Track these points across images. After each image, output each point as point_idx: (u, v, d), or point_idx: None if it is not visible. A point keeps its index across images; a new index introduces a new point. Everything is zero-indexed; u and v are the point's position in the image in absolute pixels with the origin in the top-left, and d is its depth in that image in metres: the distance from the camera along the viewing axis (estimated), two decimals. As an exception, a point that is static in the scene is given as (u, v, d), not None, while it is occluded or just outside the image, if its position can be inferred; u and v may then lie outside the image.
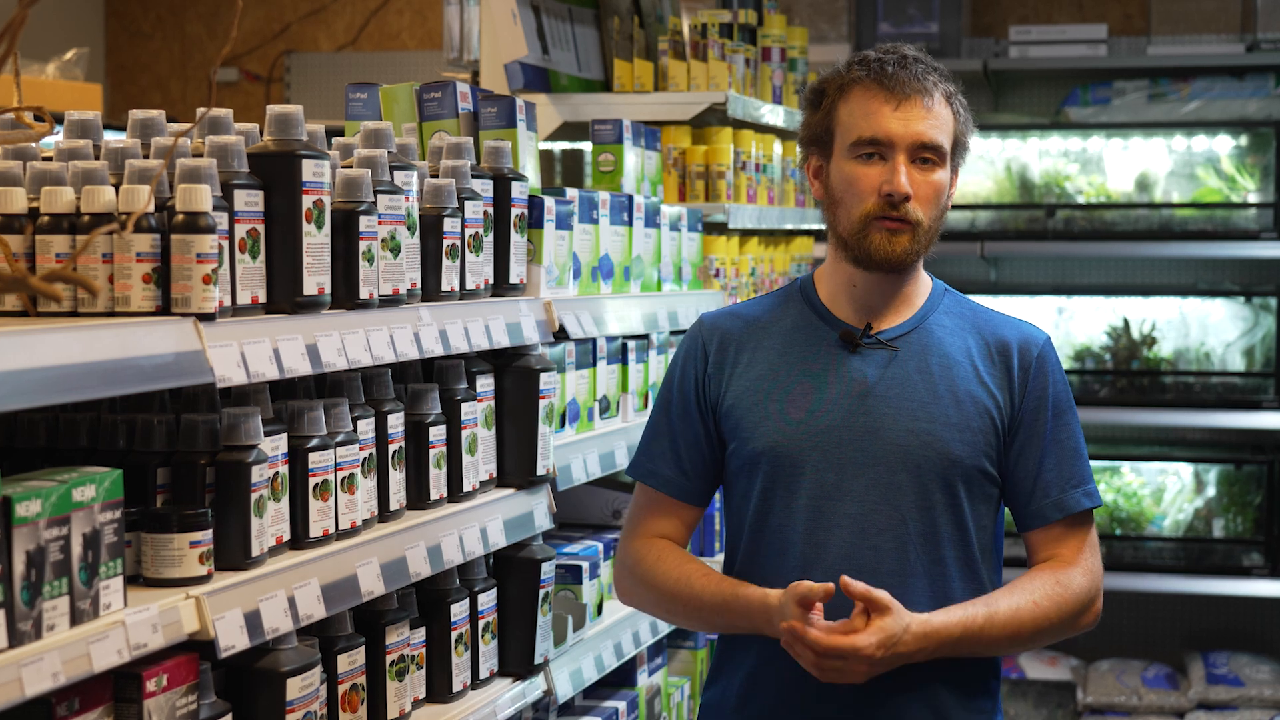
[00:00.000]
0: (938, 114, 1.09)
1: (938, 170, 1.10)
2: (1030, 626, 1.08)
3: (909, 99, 1.08)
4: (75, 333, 0.87)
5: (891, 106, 1.09)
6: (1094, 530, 1.13)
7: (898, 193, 1.08)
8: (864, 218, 1.10)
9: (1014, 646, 1.10)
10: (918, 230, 1.10)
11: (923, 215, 1.10)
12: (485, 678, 1.30)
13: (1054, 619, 1.09)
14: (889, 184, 1.08)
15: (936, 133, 1.09)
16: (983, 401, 1.11)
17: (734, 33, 2.06)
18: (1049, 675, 2.71)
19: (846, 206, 1.11)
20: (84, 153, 1.08)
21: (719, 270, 1.92)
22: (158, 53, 3.43)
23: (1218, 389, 2.71)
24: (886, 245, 1.09)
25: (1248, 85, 2.77)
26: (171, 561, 0.97)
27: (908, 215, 1.09)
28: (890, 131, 1.09)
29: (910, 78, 1.09)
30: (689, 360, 1.17)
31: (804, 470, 1.10)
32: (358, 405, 1.16)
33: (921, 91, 1.09)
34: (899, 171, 1.08)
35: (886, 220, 1.09)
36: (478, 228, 1.28)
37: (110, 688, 0.91)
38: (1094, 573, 1.12)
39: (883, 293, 1.13)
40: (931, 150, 1.09)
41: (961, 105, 1.12)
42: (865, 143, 1.09)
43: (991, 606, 1.08)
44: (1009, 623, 1.07)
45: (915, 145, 1.09)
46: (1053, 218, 2.75)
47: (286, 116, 1.06)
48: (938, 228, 1.12)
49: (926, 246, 1.11)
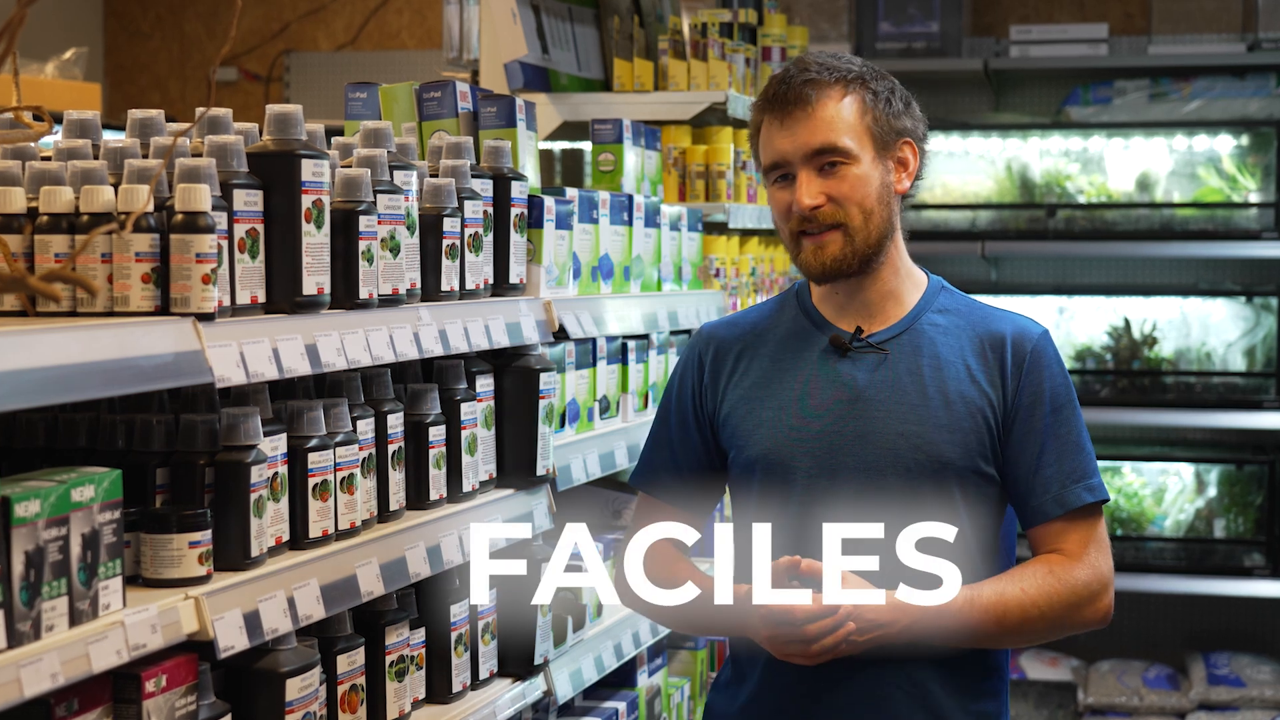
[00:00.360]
0: (823, 116, 1.08)
1: (851, 166, 1.09)
2: (1016, 613, 1.06)
3: (790, 114, 1.09)
4: (74, 333, 0.87)
5: (779, 125, 1.09)
6: (1101, 526, 1.11)
7: (798, 207, 1.09)
8: (791, 237, 1.11)
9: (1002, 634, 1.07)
10: (848, 230, 1.09)
11: (846, 215, 1.09)
12: (485, 678, 1.30)
13: (1043, 608, 1.06)
14: (792, 202, 1.09)
15: (826, 134, 1.08)
16: (974, 401, 1.10)
17: (734, 32, 2.06)
18: (1050, 676, 2.71)
19: (779, 229, 1.13)
20: (83, 152, 1.08)
21: (719, 270, 1.92)
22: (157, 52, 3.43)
23: (1219, 389, 2.71)
24: (814, 258, 1.09)
25: (1249, 85, 2.77)
26: (170, 562, 0.97)
27: (824, 219, 1.08)
28: (781, 151, 1.09)
29: (788, 91, 1.09)
30: (687, 371, 1.17)
31: (795, 476, 1.10)
32: (357, 405, 1.16)
33: (799, 101, 1.09)
34: (800, 186, 1.08)
35: (807, 235, 1.09)
36: (477, 227, 1.28)
37: (109, 688, 0.91)
38: (1097, 567, 1.09)
39: (866, 297, 1.13)
40: (828, 152, 1.08)
41: (873, 91, 1.10)
42: (770, 168, 1.11)
43: (974, 590, 1.06)
44: (992, 607, 1.05)
45: (808, 155, 1.09)
46: (1053, 217, 2.75)
47: (286, 116, 1.06)
48: (880, 220, 1.10)
49: (870, 244, 1.10)
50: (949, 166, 2.82)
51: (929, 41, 2.79)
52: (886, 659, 1.08)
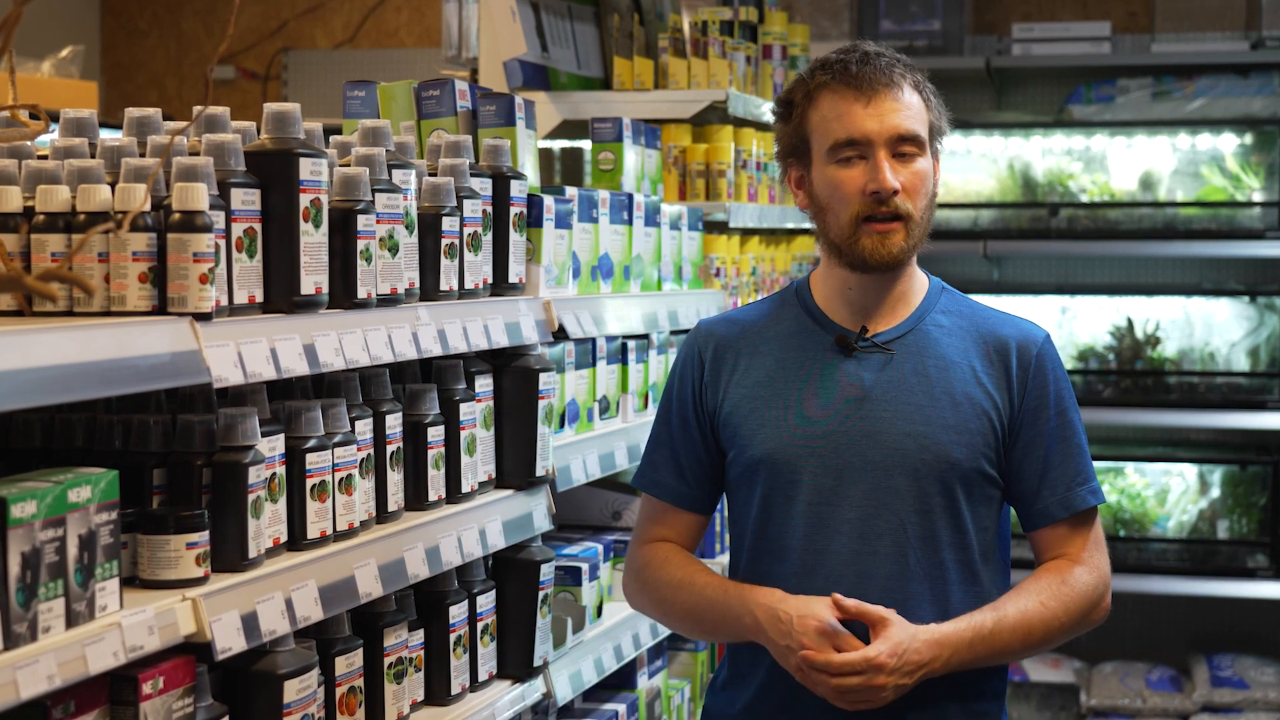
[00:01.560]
0: (909, 104, 1.08)
1: (919, 160, 1.09)
2: (1040, 628, 1.07)
3: (878, 94, 1.07)
4: (71, 332, 0.86)
5: (862, 104, 1.07)
6: (1099, 526, 1.13)
7: (885, 189, 1.07)
8: (853, 221, 1.09)
9: (1026, 649, 1.09)
10: (909, 224, 1.09)
11: (912, 207, 1.09)
12: (484, 680, 1.30)
13: (1062, 619, 1.08)
14: (874, 181, 1.07)
15: (912, 122, 1.08)
16: (980, 403, 1.10)
17: (735, 30, 2.05)
18: (1052, 677, 2.70)
19: (835, 212, 1.09)
20: (80, 151, 1.08)
21: (719, 269, 1.91)
22: (154, 50, 3.42)
23: (1222, 389, 2.70)
24: (880, 248, 1.08)
25: (1252, 83, 2.76)
26: (168, 563, 0.97)
27: (898, 209, 1.08)
28: (866, 129, 1.08)
29: (875, 72, 1.08)
30: (686, 368, 1.16)
31: (801, 476, 1.09)
32: (355, 406, 1.15)
33: (890, 84, 1.08)
34: (882, 168, 1.07)
35: (875, 222, 1.08)
36: (476, 227, 1.27)
37: (106, 690, 0.90)
38: (1100, 569, 1.11)
39: (878, 294, 1.12)
40: (910, 141, 1.08)
41: (931, 92, 1.11)
42: (843, 145, 1.08)
43: (999, 611, 1.07)
44: (1018, 626, 1.07)
45: (893, 138, 1.08)
46: (1056, 217, 2.74)
47: (284, 114, 1.06)
48: (929, 219, 1.11)
49: (920, 240, 1.10)
50: (950, 165, 2.81)
51: (930, 39, 2.79)
52: None
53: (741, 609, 1.08)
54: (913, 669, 1.04)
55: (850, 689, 1.03)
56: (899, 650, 1.03)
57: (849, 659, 1.03)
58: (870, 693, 1.03)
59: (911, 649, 1.04)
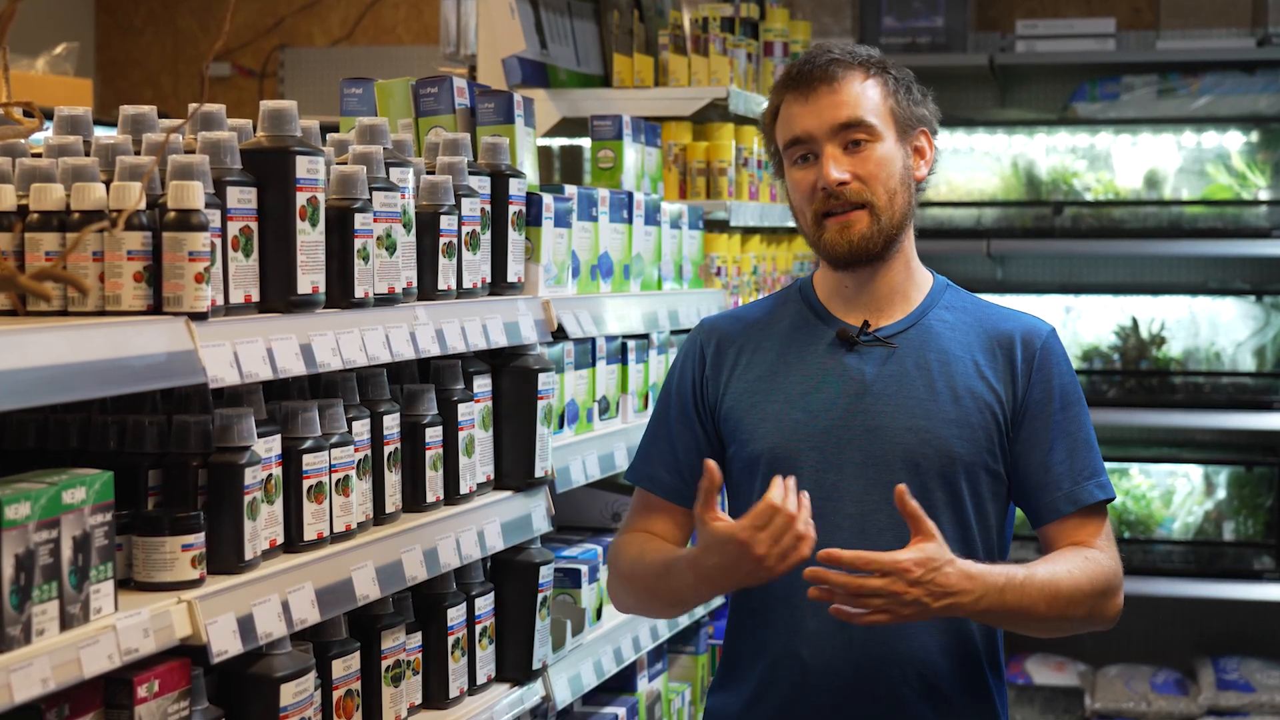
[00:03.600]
0: (849, 93, 1.08)
1: (876, 145, 1.08)
2: (1066, 594, 1.04)
3: (814, 90, 1.08)
4: (65, 332, 0.86)
5: (802, 102, 1.08)
6: (1109, 523, 1.11)
7: (826, 181, 1.06)
8: (815, 218, 1.09)
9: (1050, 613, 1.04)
10: (874, 210, 1.08)
11: (872, 194, 1.07)
12: (482, 683, 1.29)
13: (1086, 589, 1.05)
14: (819, 177, 1.07)
15: (853, 109, 1.07)
16: (983, 397, 1.09)
17: (736, 27, 2.04)
18: (1056, 680, 2.68)
19: (801, 212, 1.10)
20: (74, 149, 1.07)
21: (720, 269, 1.90)
22: (149, 47, 3.40)
23: (1228, 389, 2.68)
24: (840, 237, 1.07)
25: (1258, 80, 2.74)
26: (163, 565, 0.96)
27: (851, 198, 1.07)
28: (806, 126, 1.08)
29: (813, 69, 1.08)
30: (687, 363, 1.15)
31: (803, 471, 1.08)
32: (353, 406, 1.15)
33: (825, 79, 1.08)
34: (825, 162, 1.07)
35: (831, 215, 1.07)
36: (475, 225, 1.27)
37: (101, 693, 0.90)
38: (1116, 559, 1.09)
39: (873, 289, 1.11)
40: (855, 127, 1.07)
41: (898, 80, 1.10)
42: (791, 145, 1.09)
43: (1029, 568, 1.04)
44: (1046, 585, 1.03)
45: (834, 129, 1.07)
46: (1060, 215, 2.72)
47: (280, 112, 1.05)
48: (902, 204, 1.09)
49: (894, 226, 1.08)
50: (954, 163, 2.80)
51: (933, 36, 2.77)
52: (895, 656, 1.07)
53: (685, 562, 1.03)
54: (940, 592, 0.98)
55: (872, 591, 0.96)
56: (930, 564, 0.96)
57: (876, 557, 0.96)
58: (891, 600, 0.96)
59: (944, 569, 0.97)
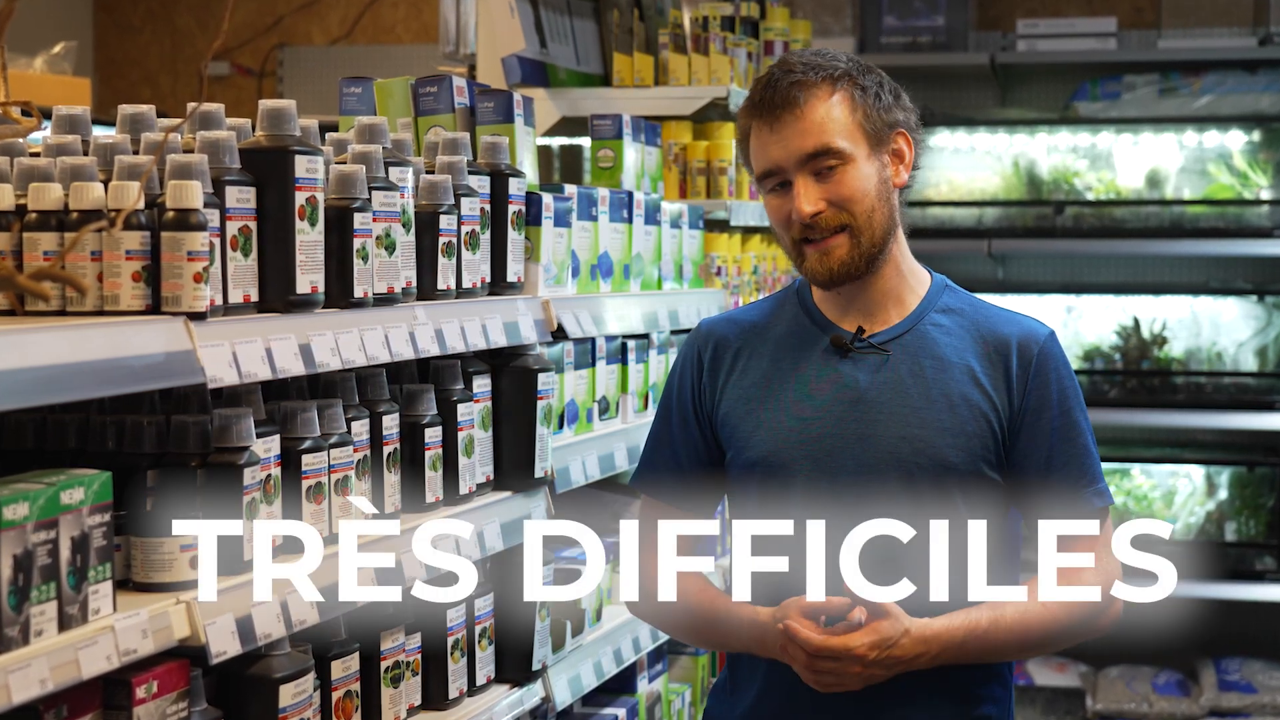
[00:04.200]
0: (814, 118, 1.06)
1: (848, 168, 1.07)
2: (1039, 631, 1.06)
3: (779, 119, 1.06)
4: (64, 332, 0.85)
5: (768, 131, 1.06)
6: (1110, 526, 1.10)
7: (798, 215, 1.06)
8: (794, 245, 1.09)
9: (1024, 651, 1.08)
10: (853, 231, 1.07)
11: (849, 217, 1.07)
12: (482, 684, 1.29)
13: (1064, 622, 1.07)
14: (792, 210, 1.07)
15: (819, 137, 1.06)
16: (979, 405, 1.08)
17: (736, 26, 2.04)
18: (1057, 682, 2.68)
19: (780, 237, 1.11)
20: (72, 148, 1.07)
21: (720, 268, 1.90)
22: (147, 46, 3.40)
23: (1230, 389, 2.68)
24: (821, 265, 1.07)
25: (1260, 79, 2.74)
26: (162, 566, 0.96)
27: (827, 225, 1.06)
28: (774, 159, 1.07)
29: (774, 95, 1.06)
30: (686, 367, 1.14)
31: (796, 478, 1.08)
32: (352, 406, 1.14)
33: (787, 104, 1.06)
34: (797, 195, 1.06)
35: (810, 242, 1.07)
36: (474, 225, 1.26)
37: (99, 694, 0.90)
38: (1109, 573, 1.08)
39: (865, 297, 1.11)
40: (822, 155, 1.06)
41: (861, 87, 1.07)
42: (763, 177, 1.08)
43: (997, 611, 1.06)
44: (1015, 626, 1.05)
45: (801, 159, 1.06)
46: (1061, 215, 2.72)
47: (279, 111, 1.05)
48: (883, 218, 1.08)
49: (875, 243, 1.08)
50: (954, 163, 2.79)
51: (934, 35, 2.77)
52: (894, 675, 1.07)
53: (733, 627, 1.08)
54: (892, 664, 1.03)
55: (824, 671, 1.02)
56: (882, 644, 1.02)
57: (828, 643, 1.02)
58: (842, 677, 1.03)
59: (898, 646, 1.02)
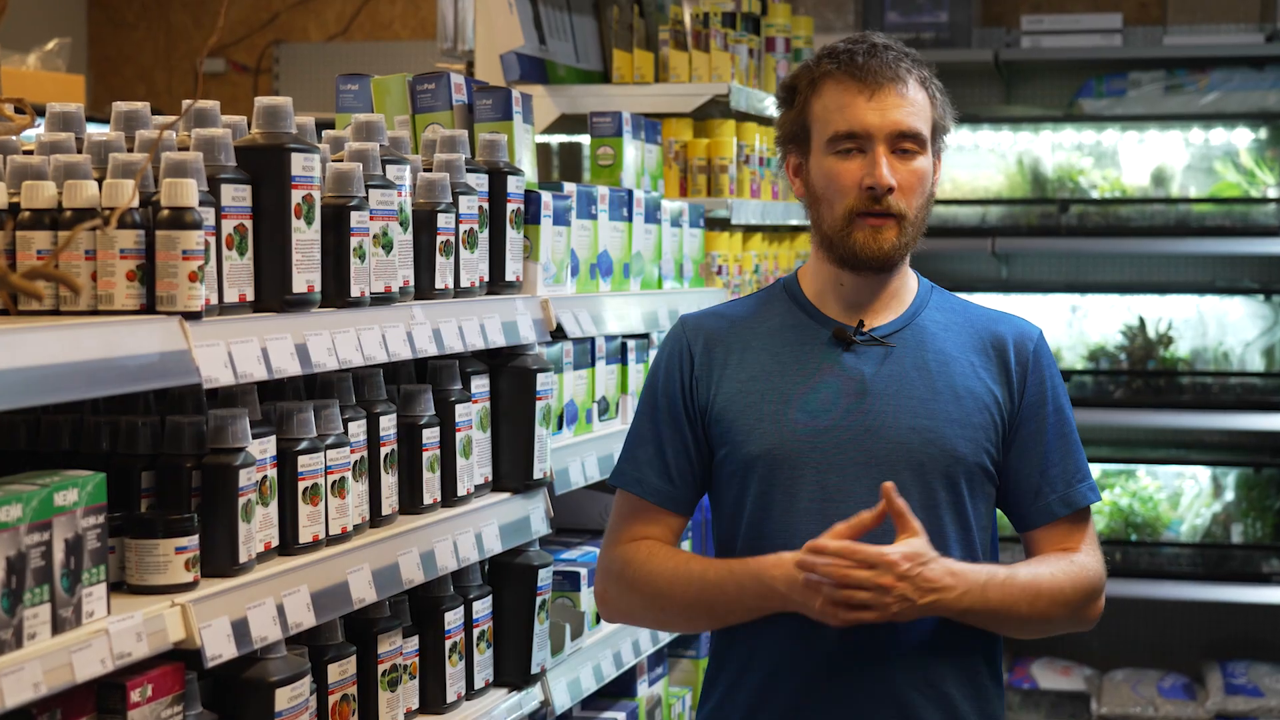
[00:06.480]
0: (913, 100, 1.06)
1: (919, 158, 1.07)
2: (1047, 595, 1.06)
3: (882, 88, 1.05)
4: (57, 332, 0.85)
5: (865, 97, 1.06)
6: (1093, 526, 1.12)
7: (880, 185, 1.05)
8: (847, 214, 1.07)
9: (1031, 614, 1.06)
10: (903, 223, 1.07)
11: (906, 206, 1.07)
12: (480, 688, 1.28)
13: (1068, 593, 1.07)
14: (870, 176, 1.05)
15: (914, 119, 1.06)
16: (982, 397, 1.09)
17: (737, 22, 2.03)
18: (1062, 685, 2.66)
19: (829, 203, 1.08)
20: (66, 146, 1.06)
21: (721, 267, 1.89)
22: (142, 43, 3.38)
23: (1236, 389, 2.66)
24: (871, 242, 1.06)
25: (1267, 76, 2.72)
26: (156, 568, 0.95)
27: (890, 208, 1.06)
28: (867, 123, 1.06)
29: (882, 65, 1.06)
30: (673, 363, 1.13)
31: (804, 473, 1.07)
32: (349, 407, 1.14)
33: (895, 79, 1.06)
34: (880, 163, 1.05)
35: (869, 216, 1.06)
36: (472, 223, 1.25)
37: (93, 698, 0.89)
38: (1101, 563, 1.10)
39: (871, 291, 1.10)
40: (911, 138, 1.06)
41: (938, 89, 1.09)
42: (843, 137, 1.06)
43: (1011, 569, 1.06)
44: (1028, 586, 1.05)
45: (894, 134, 1.06)
46: (1066, 213, 2.70)
47: (275, 109, 1.04)
48: (924, 218, 1.09)
49: (913, 240, 1.09)
50: (958, 160, 2.78)
51: (938, 32, 2.75)
52: (901, 658, 1.06)
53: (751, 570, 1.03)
54: (925, 587, 1.00)
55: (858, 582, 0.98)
56: (916, 558, 0.99)
57: (862, 548, 0.98)
58: (876, 595, 0.98)
59: (929, 565, 1.00)
